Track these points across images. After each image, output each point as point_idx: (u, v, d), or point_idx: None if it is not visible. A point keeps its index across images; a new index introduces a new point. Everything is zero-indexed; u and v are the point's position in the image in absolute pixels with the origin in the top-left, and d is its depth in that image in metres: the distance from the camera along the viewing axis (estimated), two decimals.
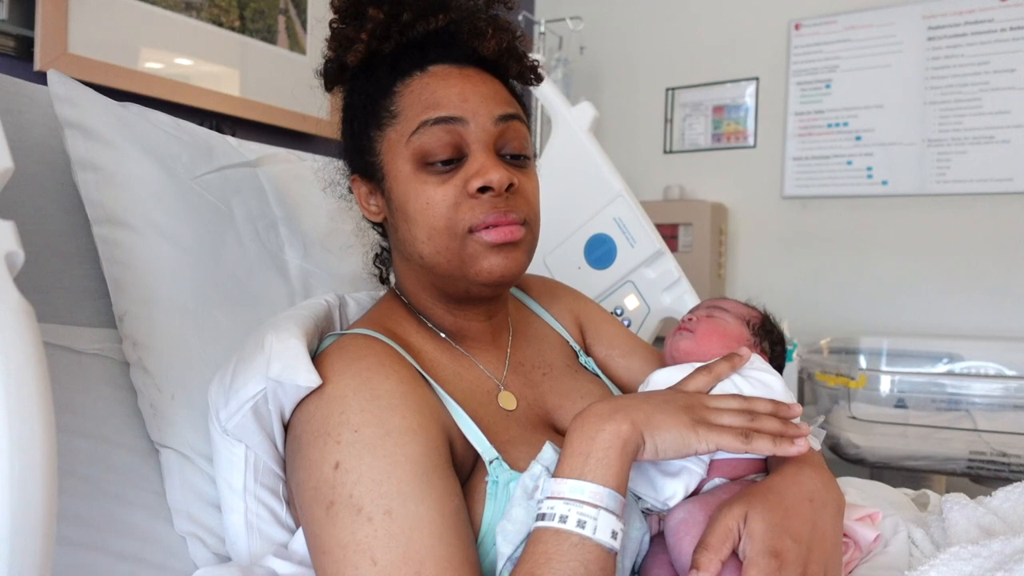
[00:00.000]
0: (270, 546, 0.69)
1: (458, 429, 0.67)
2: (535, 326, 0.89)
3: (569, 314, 0.94)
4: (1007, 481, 1.54)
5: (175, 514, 0.70)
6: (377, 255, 0.89)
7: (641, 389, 0.79)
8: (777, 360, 0.87)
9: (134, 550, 0.65)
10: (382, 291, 0.87)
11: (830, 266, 2.26)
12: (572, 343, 0.90)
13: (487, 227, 0.69)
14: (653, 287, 1.36)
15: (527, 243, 0.74)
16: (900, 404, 1.76)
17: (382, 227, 0.81)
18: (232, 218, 0.87)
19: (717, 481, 0.69)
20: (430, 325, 0.77)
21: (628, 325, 1.36)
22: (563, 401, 0.80)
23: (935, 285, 2.12)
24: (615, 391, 0.86)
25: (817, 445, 0.72)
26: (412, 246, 0.72)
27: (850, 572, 0.69)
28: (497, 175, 0.69)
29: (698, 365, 0.78)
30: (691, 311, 0.90)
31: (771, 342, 0.87)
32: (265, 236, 0.91)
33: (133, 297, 0.75)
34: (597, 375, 0.88)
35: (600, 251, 1.40)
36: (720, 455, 0.70)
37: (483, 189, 0.69)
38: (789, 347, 1.70)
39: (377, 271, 0.89)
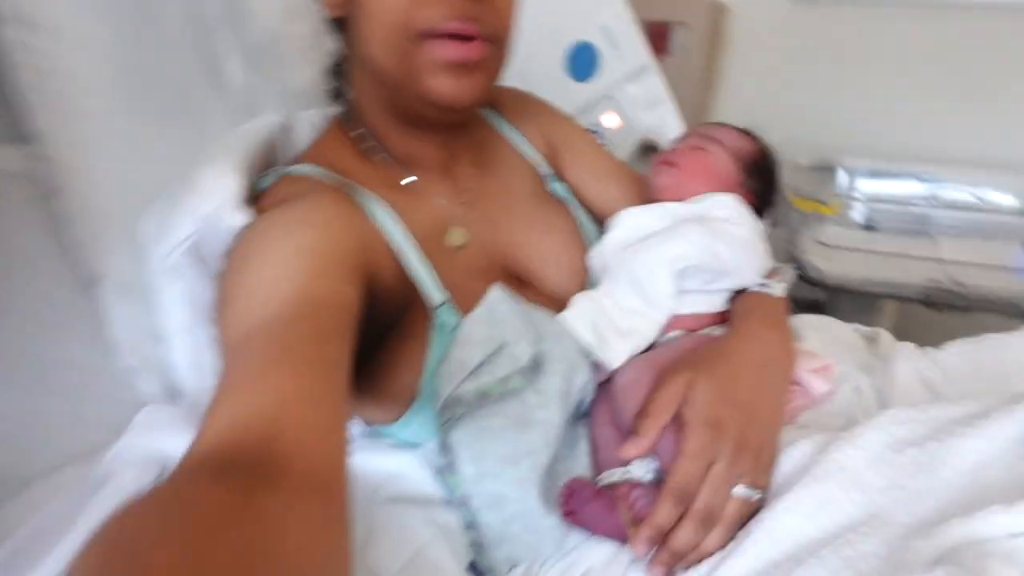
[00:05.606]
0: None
1: (399, 267, 0.64)
2: (501, 150, 0.83)
3: (541, 134, 0.88)
4: (960, 310, 1.59)
5: (118, 347, 0.69)
6: (335, 64, 0.80)
7: (608, 232, 0.76)
8: (765, 199, 0.83)
9: (76, 384, 0.64)
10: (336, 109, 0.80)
11: (829, 79, 2.14)
12: (540, 167, 0.85)
13: (445, 36, 0.62)
14: (635, 104, 1.28)
15: (491, 65, 0.67)
16: (870, 226, 1.76)
17: (343, 27, 0.72)
18: (161, 18, 0.76)
19: (675, 334, 0.69)
20: (380, 155, 0.71)
21: (604, 144, 1.30)
22: (522, 238, 0.76)
23: (934, 103, 2.03)
24: (585, 221, 0.83)
25: (782, 291, 0.71)
26: (365, 46, 0.65)
27: (796, 418, 0.71)
28: None
29: (672, 207, 0.75)
30: (679, 139, 0.84)
31: (761, 181, 0.82)
32: (201, 41, 0.81)
33: (53, 110, 0.68)
34: (565, 203, 0.84)
35: (581, 60, 1.29)
36: (685, 311, 0.69)
37: None
38: None
39: (332, 85, 0.81)
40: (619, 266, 0.71)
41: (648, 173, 0.82)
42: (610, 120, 1.29)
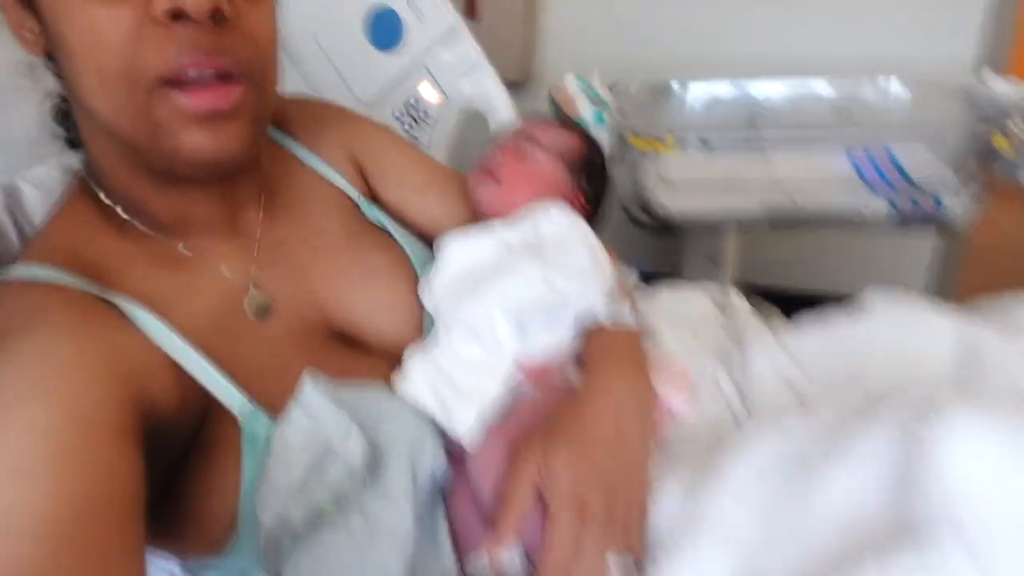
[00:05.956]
0: None
1: (185, 377, 0.52)
2: (301, 181, 0.70)
3: (343, 149, 0.75)
4: (797, 228, 1.65)
5: None
6: (58, 107, 0.63)
7: (435, 267, 0.66)
8: (598, 196, 0.76)
9: None
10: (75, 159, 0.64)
11: None
12: (351, 191, 0.73)
13: (183, 80, 0.49)
14: (450, 72, 1.16)
15: (251, 108, 0.54)
16: (706, 147, 1.78)
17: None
18: None
19: (525, 385, 0.61)
20: (139, 226, 0.57)
21: (426, 118, 1.18)
22: (341, 286, 0.65)
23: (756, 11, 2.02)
24: (411, 246, 0.72)
25: (629, 313, 0.65)
26: (83, 98, 0.51)
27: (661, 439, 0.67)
28: None
29: (499, 233, 0.66)
30: (496, 145, 0.74)
31: (591, 179, 0.74)
32: None
33: None
34: (385, 229, 0.72)
35: (384, 28, 1.15)
36: (531, 353, 0.62)
37: (176, 16, 0.47)
38: (601, 109, 1.60)
39: (62, 131, 0.64)
40: (452, 312, 0.62)
41: (469, 187, 0.73)
42: (427, 92, 1.16)
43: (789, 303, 2.02)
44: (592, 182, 0.74)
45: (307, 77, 1.17)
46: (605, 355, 0.61)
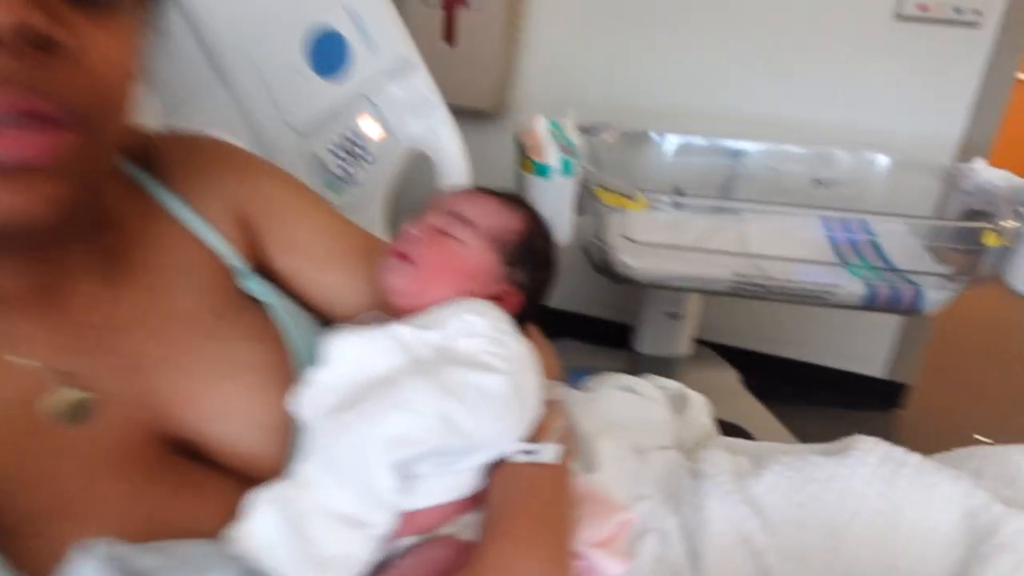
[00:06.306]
0: None
1: None
2: (167, 242, 0.55)
3: (228, 203, 0.59)
4: (765, 300, 1.54)
5: None
6: None
7: (316, 372, 0.52)
8: (538, 289, 0.62)
9: None
10: None
11: (638, 40, 1.99)
12: (229, 258, 0.57)
13: None
14: (397, 109, 1.03)
15: (78, 164, 0.40)
16: (677, 207, 1.68)
17: None
18: None
19: (407, 541, 0.47)
20: None
21: (364, 156, 1.04)
22: (192, 381, 0.50)
23: (739, 64, 1.93)
24: (296, 336, 0.56)
25: (553, 454, 0.51)
26: None
27: None
28: None
29: (401, 334, 0.52)
30: (419, 219, 0.60)
31: (530, 269, 0.60)
32: None
33: None
34: (265, 308, 0.56)
35: (328, 54, 1.02)
36: (420, 504, 0.48)
37: None
38: (570, 157, 1.48)
39: None
40: (325, 434, 0.48)
41: (380, 270, 0.58)
42: (369, 127, 1.03)
43: (749, 364, 1.96)
44: (532, 274, 0.60)
45: (234, 97, 1.03)
46: (514, 508, 0.47)
